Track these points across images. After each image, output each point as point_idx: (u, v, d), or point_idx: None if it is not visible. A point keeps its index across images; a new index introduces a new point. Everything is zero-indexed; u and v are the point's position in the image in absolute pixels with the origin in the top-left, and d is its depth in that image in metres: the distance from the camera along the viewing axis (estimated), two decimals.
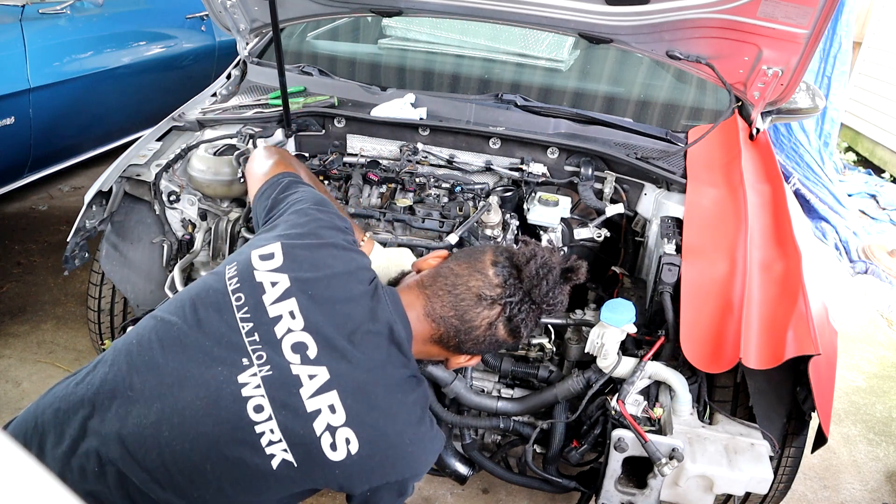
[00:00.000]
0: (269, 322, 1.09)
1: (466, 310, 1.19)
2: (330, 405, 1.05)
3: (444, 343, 1.22)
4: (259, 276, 1.13)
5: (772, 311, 1.51)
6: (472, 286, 1.19)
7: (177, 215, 2.04)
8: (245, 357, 1.07)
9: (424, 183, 2.01)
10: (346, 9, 2.35)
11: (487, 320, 1.19)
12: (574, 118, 2.13)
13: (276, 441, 1.04)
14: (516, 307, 1.18)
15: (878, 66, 6.18)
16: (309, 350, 1.08)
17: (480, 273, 1.20)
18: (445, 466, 1.83)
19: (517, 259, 1.21)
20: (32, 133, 3.01)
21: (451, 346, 1.23)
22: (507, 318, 1.19)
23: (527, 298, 1.19)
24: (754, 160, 1.98)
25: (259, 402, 1.04)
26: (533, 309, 1.20)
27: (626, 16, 2.00)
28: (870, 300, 3.80)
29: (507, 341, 1.24)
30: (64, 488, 0.48)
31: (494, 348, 1.27)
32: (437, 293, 1.21)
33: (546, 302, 1.19)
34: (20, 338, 2.73)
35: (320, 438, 1.05)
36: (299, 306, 1.11)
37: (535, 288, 1.18)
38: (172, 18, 3.97)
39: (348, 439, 1.05)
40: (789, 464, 1.70)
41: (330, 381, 1.07)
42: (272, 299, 1.11)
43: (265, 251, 1.17)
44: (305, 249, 1.18)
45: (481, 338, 1.21)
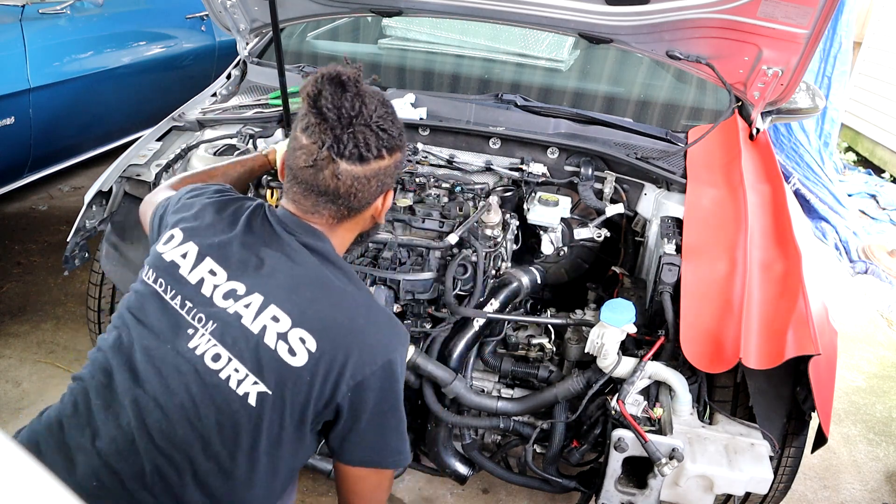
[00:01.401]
0: (194, 287, 1.12)
1: (313, 183, 1.13)
2: (272, 317, 1.07)
3: (340, 218, 1.18)
4: (168, 256, 1.17)
5: (772, 311, 1.51)
6: (300, 164, 1.13)
7: None
8: (189, 328, 1.10)
9: (424, 183, 2.01)
10: (346, 9, 2.35)
11: (332, 175, 1.11)
12: (574, 118, 2.13)
13: (242, 378, 1.06)
14: (335, 144, 1.09)
15: (878, 66, 6.18)
16: (238, 290, 1.11)
17: (299, 148, 1.14)
18: (445, 466, 1.84)
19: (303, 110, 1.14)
20: (32, 133, 3.01)
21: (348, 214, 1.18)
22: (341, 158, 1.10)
23: (336, 131, 1.09)
24: (754, 160, 1.98)
25: (214, 352, 1.07)
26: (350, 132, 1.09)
27: (626, 16, 2.00)
28: (870, 300, 3.80)
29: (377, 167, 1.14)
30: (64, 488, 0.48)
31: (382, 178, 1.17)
32: (293, 191, 1.17)
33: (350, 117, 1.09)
34: (20, 338, 2.73)
35: (276, 349, 1.06)
36: (215, 261, 1.14)
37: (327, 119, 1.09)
38: (172, 18, 3.97)
39: (302, 338, 1.06)
40: (789, 464, 1.70)
41: (265, 300, 1.09)
42: (189, 268, 1.14)
43: (164, 237, 1.21)
44: (195, 218, 1.21)
45: (352, 189, 1.13)
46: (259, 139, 2.06)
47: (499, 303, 1.78)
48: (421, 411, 1.85)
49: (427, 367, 1.70)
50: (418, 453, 1.95)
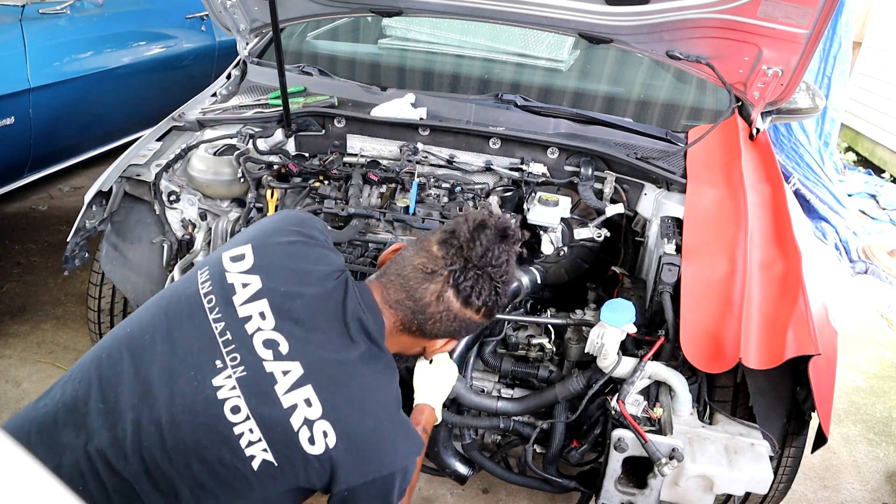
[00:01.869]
0: (239, 321, 1.10)
1: (415, 287, 1.19)
2: (306, 399, 1.06)
3: (407, 328, 1.22)
4: (230, 277, 1.14)
5: (772, 311, 1.51)
6: (416, 264, 1.20)
7: (177, 215, 2.04)
8: (219, 359, 1.08)
9: (424, 183, 2.01)
10: (346, 9, 2.35)
11: (435, 293, 1.18)
12: (574, 118, 2.13)
13: (255, 441, 1.04)
14: (460, 274, 1.17)
15: (878, 66, 6.18)
16: (281, 346, 1.09)
17: (425, 251, 1.21)
18: (445, 466, 1.83)
19: (455, 228, 1.21)
20: (32, 133, 3.01)
21: (416, 331, 1.23)
22: (453, 287, 1.18)
23: (469, 264, 1.17)
24: (754, 160, 1.98)
25: (236, 404, 1.05)
26: (479, 273, 1.17)
27: (626, 16, 2.00)
28: (870, 300, 3.80)
29: (469, 316, 1.22)
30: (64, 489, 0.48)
31: (462, 327, 1.24)
32: (390, 279, 1.22)
33: (489, 263, 1.17)
34: (20, 338, 2.73)
35: (298, 433, 1.05)
36: (270, 305, 1.12)
37: (472, 251, 1.17)
38: (172, 18, 3.97)
39: (325, 432, 1.05)
40: (789, 464, 1.70)
41: (304, 376, 1.07)
42: (242, 300, 1.12)
43: (236, 252, 1.18)
44: (276, 247, 1.19)
45: (438, 314, 1.20)
46: (259, 139, 2.06)
47: None
48: None
49: None
50: None
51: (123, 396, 1.07)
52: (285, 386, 1.06)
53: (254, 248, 1.18)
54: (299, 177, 2.02)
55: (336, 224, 1.93)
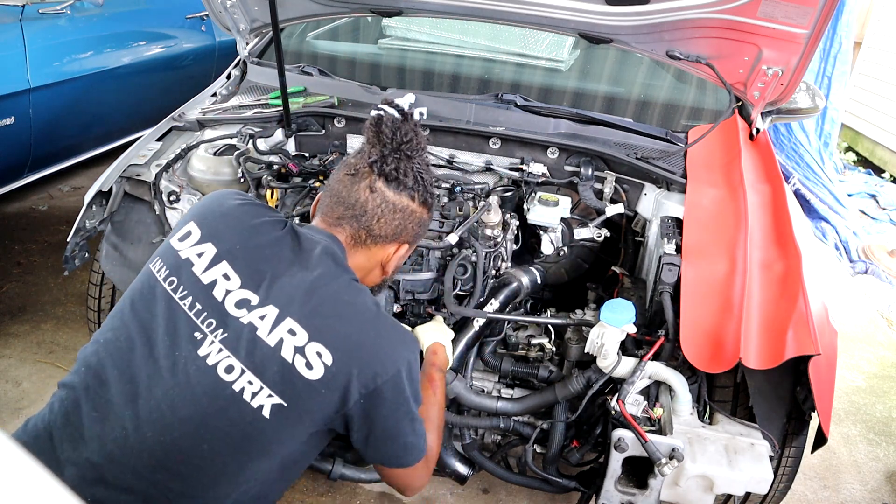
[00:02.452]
0: (206, 288, 1.12)
1: (347, 194, 1.23)
2: (289, 329, 1.08)
3: (357, 239, 1.24)
4: (184, 254, 1.16)
5: (772, 311, 1.51)
6: (341, 176, 1.25)
7: (177, 215, 2.04)
8: (197, 331, 1.09)
9: None
10: (346, 9, 2.35)
11: (366, 188, 1.21)
12: (574, 118, 2.13)
13: (257, 391, 1.06)
14: (380, 161, 1.21)
15: (878, 66, 6.18)
16: (252, 301, 1.11)
17: (344, 164, 1.26)
18: (445, 466, 1.84)
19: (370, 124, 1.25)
20: (32, 133, 3.01)
21: (366, 239, 1.25)
22: (379, 175, 1.21)
23: (385, 150, 1.21)
24: (754, 160, 1.98)
25: (227, 363, 1.07)
26: (397, 156, 1.21)
27: (626, 16, 2.00)
28: (870, 300, 3.80)
29: (406, 203, 1.25)
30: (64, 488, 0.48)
31: (407, 221, 1.26)
32: (325, 203, 1.27)
33: (401, 142, 1.21)
34: (20, 338, 2.73)
35: (293, 363, 1.07)
36: (231, 266, 1.14)
37: (382, 138, 1.21)
38: (172, 18, 3.97)
39: (319, 352, 1.07)
40: (789, 464, 1.70)
41: (280, 313, 1.09)
42: (202, 268, 1.14)
43: (181, 233, 1.20)
44: (219, 215, 1.22)
45: (377, 209, 1.22)
46: (259, 139, 2.06)
47: (499, 303, 1.78)
48: None
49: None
50: None
51: (115, 399, 1.07)
52: (266, 328, 1.08)
53: (197, 223, 1.20)
54: (299, 177, 2.02)
55: None
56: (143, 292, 1.16)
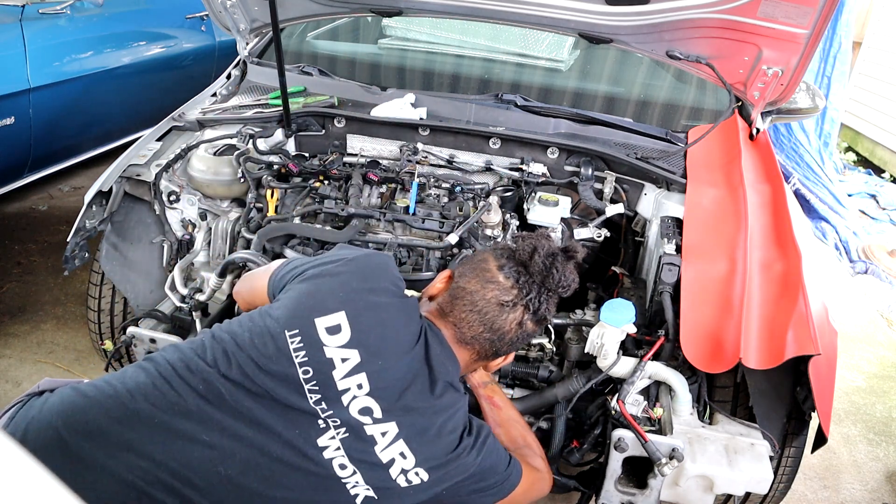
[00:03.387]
0: (337, 393, 1.14)
1: (494, 320, 1.25)
2: (401, 452, 1.14)
3: (482, 357, 1.31)
4: (329, 352, 1.14)
5: (772, 311, 1.51)
6: (489, 298, 1.25)
7: (177, 215, 2.04)
8: (320, 420, 1.12)
9: (424, 183, 2.01)
10: (346, 9, 2.35)
11: (515, 322, 1.26)
12: (574, 118, 2.13)
13: (357, 483, 1.13)
14: (536, 300, 1.26)
15: (878, 66, 6.18)
16: (375, 412, 1.14)
17: (492, 282, 1.26)
18: None
19: (520, 256, 1.27)
20: (32, 133, 3.01)
21: (489, 356, 1.31)
22: (531, 313, 1.27)
23: (543, 289, 1.26)
24: (754, 160, 1.98)
25: (342, 462, 1.12)
26: (550, 296, 1.28)
27: (626, 16, 2.00)
28: (870, 300, 3.80)
29: (536, 330, 1.32)
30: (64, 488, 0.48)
31: (526, 342, 1.37)
32: (461, 317, 1.27)
33: (560, 285, 1.26)
34: (20, 338, 2.73)
35: (396, 479, 1.14)
36: (368, 378, 1.15)
37: (547, 278, 1.25)
38: (172, 18, 3.97)
39: (418, 473, 1.15)
40: (789, 464, 1.70)
41: (398, 434, 1.15)
42: (342, 374, 1.14)
43: (331, 323, 1.16)
44: (369, 312, 1.19)
45: (514, 338, 1.28)
46: (259, 139, 2.06)
47: None
48: None
49: None
50: None
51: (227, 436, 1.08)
52: (383, 445, 1.14)
53: (349, 318, 1.17)
54: (299, 177, 2.02)
55: (336, 224, 1.93)
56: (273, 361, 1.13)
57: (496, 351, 1.29)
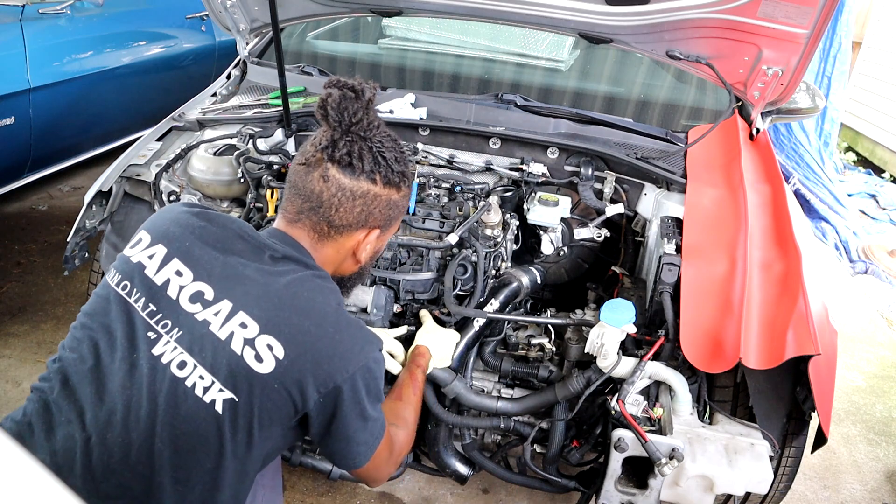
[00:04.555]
0: (158, 289, 1.10)
1: (303, 185, 1.17)
2: (241, 323, 1.06)
3: (319, 233, 1.20)
4: (135, 258, 1.15)
5: (772, 311, 1.51)
6: (296, 167, 1.19)
7: None
8: (151, 331, 1.08)
9: (424, 183, 2.01)
10: (346, 9, 2.35)
11: (319, 177, 1.16)
12: (574, 118, 2.13)
13: (208, 386, 1.04)
14: (330, 147, 1.15)
15: (878, 66, 6.18)
16: (206, 295, 1.09)
17: (300, 153, 1.20)
18: (445, 466, 1.84)
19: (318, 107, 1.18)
20: (32, 133, 3.01)
21: (329, 231, 1.20)
22: (330, 161, 1.15)
23: (335, 134, 1.15)
24: (754, 160, 1.98)
25: (180, 360, 1.06)
26: (348, 139, 1.14)
27: (626, 16, 2.00)
28: (870, 300, 3.80)
29: (366, 188, 1.18)
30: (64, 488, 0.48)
31: (370, 206, 1.20)
32: (284, 199, 1.22)
33: (350, 123, 1.14)
34: (20, 338, 2.73)
35: (242, 355, 1.04)
36: (183, 262, 1.12)
37: (330, 121, 1.14)
38: (172, 18, 3.97)
39: (270, 345, 1.05)
40: (789, 464, 1.70)
41: (234, 307, 1.07)
42: (154, 269, 1.12)
43: (132, 241, 1.19)
44: (168, 220, 1.19)
45: (334, 198, 1.16)
46: (259, 139, 2.06)
47: (499, 303, 1.78)
48: (421, 411, 1.85)
49: (430, 371, 1.70)
50: (418, 453, 1.95)
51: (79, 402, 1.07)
52: (219, 322, 1.07)
53: (147, 230, 1.19)
54: None
55: None
56: (100, 301, 1.14)
57: (328, 220, 1.18)
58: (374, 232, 1.24)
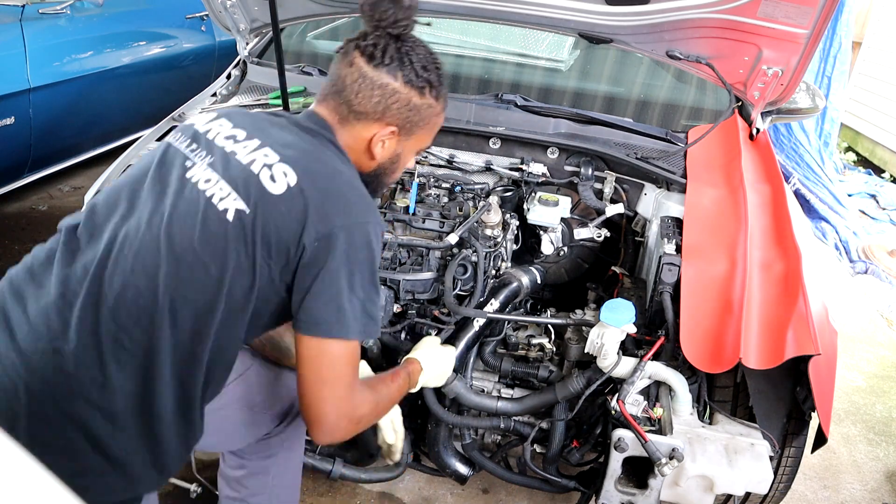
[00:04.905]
0: (202, 135, 1.24)
1: (333, 70, 1.27)
2: (264, 154, 1.17)
3: (340, 115, 1.26)
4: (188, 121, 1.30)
5: (772, 311, 1.51)
6: (335, 56, 1.28)
7: None
8: (187, 160, 1.20)
9: (424, 183, 2.01)
10: (346, 9, 2.35)
11: (347, 63, 1.23)
12: (574, 118, 2.13)
13: (224, 196, 1.13)
14: (361, 38, 1.24)
15: (878, 66, 6.18)
16: (238, 136, 1.21)
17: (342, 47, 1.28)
18: (445, 466, 1.84)
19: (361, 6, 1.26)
20: (32, 133, 3.01)
21: (348, 114, 1.26)
22: (358, 49, 1.23)
23: (368, 29, 1.24)
24: (754, 160, 1.98)
25: (206, 177, 1.16)
26: (377, 34, 1.22)
27: (626, 16, 2.00)
28: (870, 300, 3.80)
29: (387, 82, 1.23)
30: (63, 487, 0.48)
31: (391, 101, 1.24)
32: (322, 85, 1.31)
33: (381, 18, 1.20)
34: None
35: (259, 175, 1.14)
36: (229, 120, 1.26)
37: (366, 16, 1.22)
38: (172, 18, 3.97)
39: (285, 172, 1.14)
40: (789, 464, 1.70)
41: (261, 144, 1.19)
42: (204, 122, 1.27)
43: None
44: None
45: (356, 84, 1.23)
46: None
47: (499, 303, 1.78)
48: (421, 411, 1.85)
49: None
50: (418, 453, 1.96)
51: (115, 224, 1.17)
52: (246, 152, 1.18)
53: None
54: None
55: None
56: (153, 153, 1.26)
57: (348, 103, 1.24)
58: (390, 128, 1.27)
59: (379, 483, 2.06)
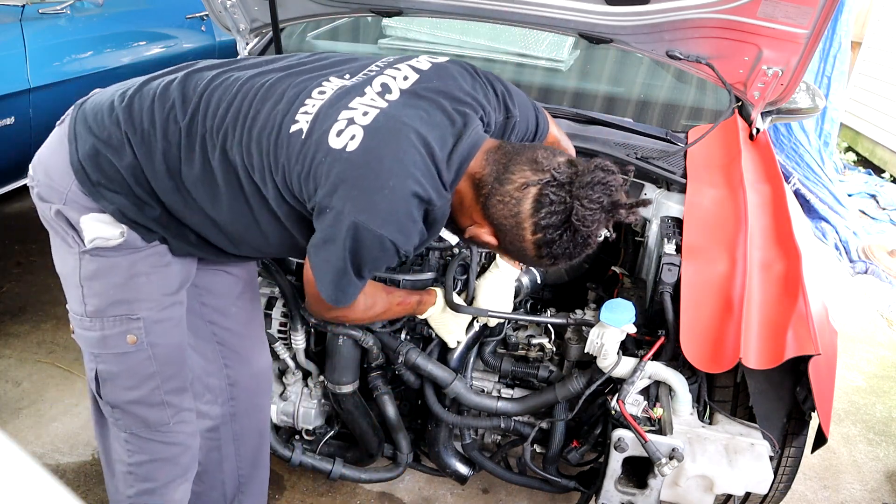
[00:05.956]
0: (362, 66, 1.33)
1: (515, 164, 1.20)
2: (364, 112, 1.19)
3: (478, 188, 1.23)
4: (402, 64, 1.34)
5: (772, 311, 1.51)
6: (534, 155, 1.21)
7: None
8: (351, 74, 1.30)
9: None
10: (346, 9, 2.35)
11: (523, 180, 1.18)
12: (574, 118, 2.12)
13: (307, 112, 1.20)
14: (553, 186, 1.16)
15: (878, 66, 6.18)
16: (388, 90, 1.23)
17: (550, 152, 1.22)
18: (445, 466, 1.84)
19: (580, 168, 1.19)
20: (32, 133, 3.01)
21: (481, 197, 1.23)
22: (537, 187, 1.17)
23: (566, 185, 1.16)
24: (754, 160, 1.98)
25: (324, 89, 1.24)
26: (565, 199, 1.15)
27: (626, 16, 2.00)
28: (870, 300, 3.80)
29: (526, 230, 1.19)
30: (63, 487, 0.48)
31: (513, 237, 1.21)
32: (509, 144, 1.28)
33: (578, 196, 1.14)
34: (20, 338, 2.73)
35: (335, 123, 1.17)
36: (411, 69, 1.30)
37: (576, 178, 1.16)
38: (172, 18, 3.96)
39: (354, 135, 1.16)
40: (789, 464, 1.70)
41: (381, 111, 1.19)
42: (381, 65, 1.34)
43: None
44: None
45: (507, 198, 1.19)
46: None
47: None
48: (421, 411, 1.85)
49: (427, 367, 1.70)
50: (418, 453, 1.96)
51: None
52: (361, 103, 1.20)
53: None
54: None
55: None
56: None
57: (489, 194, 1.21)
58: (485, 230, 1.26)
59: (379, 483, 2.06)
